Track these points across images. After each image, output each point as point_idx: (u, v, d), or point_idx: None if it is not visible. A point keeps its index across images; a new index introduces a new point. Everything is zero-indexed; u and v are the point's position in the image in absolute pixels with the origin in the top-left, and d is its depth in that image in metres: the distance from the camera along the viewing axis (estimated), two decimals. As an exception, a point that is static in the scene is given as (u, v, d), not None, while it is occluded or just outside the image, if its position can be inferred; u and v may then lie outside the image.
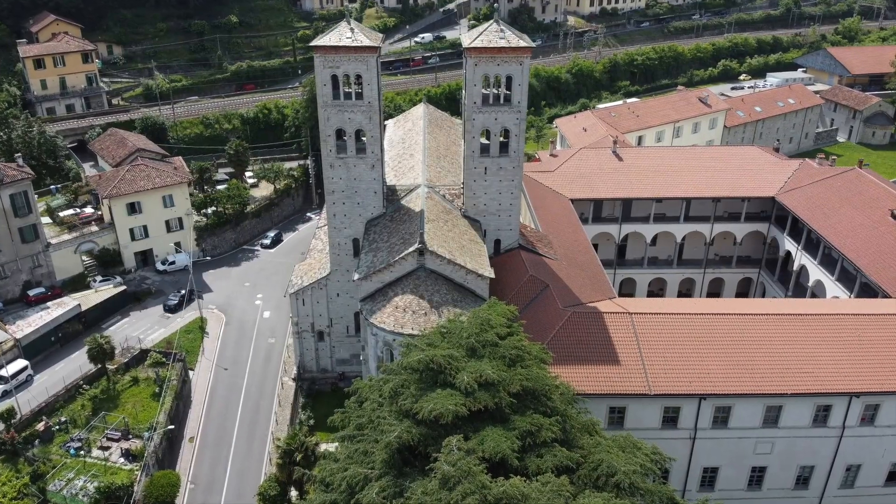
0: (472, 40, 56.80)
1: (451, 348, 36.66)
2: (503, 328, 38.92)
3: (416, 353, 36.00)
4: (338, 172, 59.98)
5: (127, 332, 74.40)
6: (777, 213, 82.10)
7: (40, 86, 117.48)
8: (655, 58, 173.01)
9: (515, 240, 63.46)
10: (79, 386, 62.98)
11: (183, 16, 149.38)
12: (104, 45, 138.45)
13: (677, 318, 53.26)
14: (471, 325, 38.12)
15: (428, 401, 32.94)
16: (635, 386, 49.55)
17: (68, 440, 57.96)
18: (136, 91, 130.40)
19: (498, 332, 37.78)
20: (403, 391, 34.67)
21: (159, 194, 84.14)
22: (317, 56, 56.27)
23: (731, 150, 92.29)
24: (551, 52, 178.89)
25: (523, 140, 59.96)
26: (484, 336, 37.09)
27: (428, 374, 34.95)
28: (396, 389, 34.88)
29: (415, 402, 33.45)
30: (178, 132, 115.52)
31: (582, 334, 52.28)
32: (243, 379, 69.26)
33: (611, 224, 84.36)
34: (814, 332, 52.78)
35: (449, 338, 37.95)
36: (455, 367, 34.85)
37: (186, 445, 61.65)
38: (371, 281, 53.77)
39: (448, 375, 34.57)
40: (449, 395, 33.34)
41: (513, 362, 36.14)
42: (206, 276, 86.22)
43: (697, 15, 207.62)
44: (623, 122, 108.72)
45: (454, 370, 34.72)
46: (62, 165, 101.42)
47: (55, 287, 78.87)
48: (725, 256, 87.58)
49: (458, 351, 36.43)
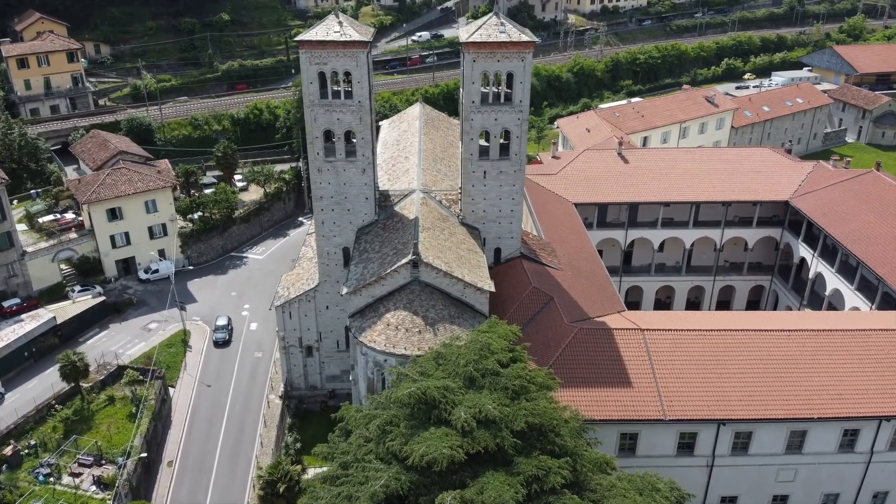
0: (471, 34, 52.77)
1: (447, 378, 32.62)
2: (505, 353, 34.86)
3: (407, 384, 31.92)
4: (326, 177, 55.91)
5: (105, 346, 70.26)
6: (791, 217, 78.24)
7: (24, 86, 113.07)
8: (658, 56, 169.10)
9: (517, 248, 59.44)
10: (51, 406, 58.86)
11: (173, 14, 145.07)
12: (91, 44, 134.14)
13: (692, 334, 49.26)
14: (469, 351, 34.02)
15: (419, 442, 28.86)
16: (649, 411, 45.55)
17: (37, 465, 53.86)
18: (123, 91, 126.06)
19: (499, 359, 33.70)
20: (392, 429, 30.57)
21: (141, 199, 79.93)
22: (302, 52, 52.30)
23: (742, 151, 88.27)
24: (552, 51, 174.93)
25: (525, 142, 55.93)
26: (483, 364, 33.01)
27: (420, 409, 30.88)
28: (384, 427, 30.74)
29: (404, 443, 29.38)
30: (165, 134, 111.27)
31: (590, 353, 48.30)
32: (227, 397, 65.14)
33: (616, 229, 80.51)
34: (840, 349, 48.87)
35: (444, 365, 33.88)
36: (451, 402, 30.77)
37: (164, 470, 57.49)
38: (361, 295, 49.69)
39: (443, 411, 30.49)
40: (443, 434, 29.25)
41: (516, 394, 32.07)
42: (190, 286, 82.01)
43: (700, 13, 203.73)
44: (627, 122, 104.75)
45: (450, 404, 30.64)
46: (44, 169, 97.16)
47: (31, 297, 74.77)
48: (736, 263, 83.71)
49: (455, 381, 32.36)
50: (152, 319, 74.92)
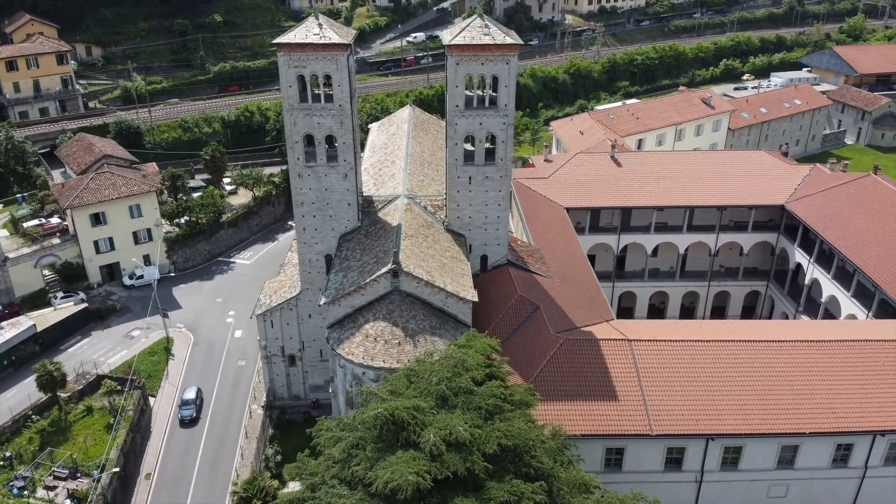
0: (454, 37, 51.42)
1: (419, 396, 31.20)
2: (481, 370, 33.42)
3: (376, 403, 30.49)
4: (307, 182, 54.52)
5: (87, 354, 68.96)
6: (787, 222, 76.72)
7: (13, 89, 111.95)
8: (656, 57, 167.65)
9: (504, 255, 57.98)
10: (27, 417, 57.50)
11: (165, 15, 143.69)
12: (83, 46, 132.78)
13: (681, 345, 47.82)
14: (442, 368, 32.60)
15: (384, 467, 27.46)
16: (635, 425, 44.11)
17: (12, 478, 52.51)
18: (114, 93, 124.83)
19: (474, 376, 32.26)
20: (358, 453, 29.15)
21: (126, 204, 78.63)
22: (280, 55, 50.83)
23: (738, 154, 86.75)
24: (548, 52, 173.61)
25: (511, 147, 54.50)
26: (457, 382, 31.59)
27: (388, 430, 29.47)
28: (349, 451, 29.32)
29: (369, 468, 27.96)
30: (154, 136, 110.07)
31: (576, 364, 46.86)
32: (209, 407, 63.77)
33: (609, 234, 78.96)
34: (834, 360, 47.43)
35: (417, 383, 32.47)
36: (421, 423, 29.36)
37: (142, 483, 56.10)
38: (340, 305, 48.26)
39: (412, 433, 29.08)
40: (411, 459, 27.84)
41: (490, 414, 30.64)
42: (175, 292, 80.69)
43: (699, 13, 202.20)
44: (622, 124, 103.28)
45: (419, 426, 29.23)
46: (31, 172, 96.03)
47: (13, 304, 73.56)
48: (731, 268, 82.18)
49: (427, 400, 30.95)
50: (135, 327, 73.65)
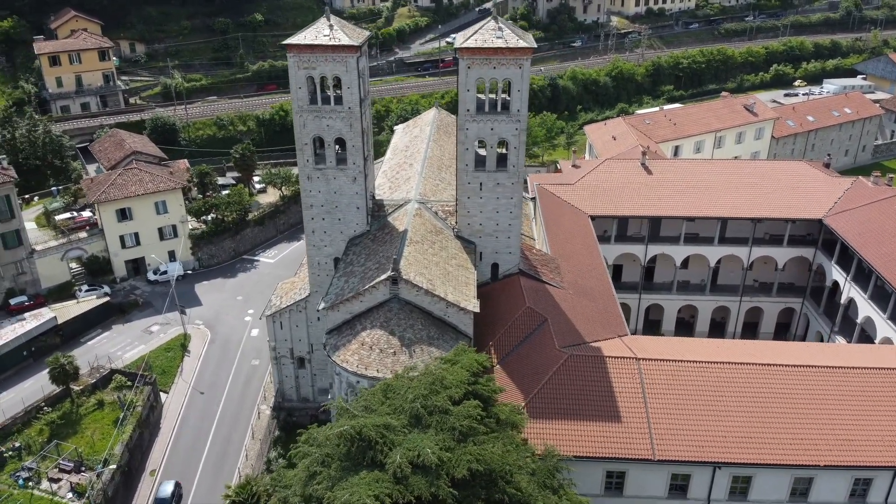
0: (465, 40, 50.06)
1: (392, 413, 30.06)
2: (460, 388, 32.04)
3: (346, 419, 29.48)
4: (316, 185, 53.90)
5: (106, 347, 69.95)
6: (824, 237, 73.02)
7: (56, 83, 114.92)
8: (703, 61, 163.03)
9: (515, 264, 56.39)
10: (39, 408, 58.42)
11: (209, 13, 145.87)
12: (127, 43, 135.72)
13: (691, 366, 45.53)
14: (420, 385, 31.38)
15: (344, 489, 26.41)
16: (637, 449, 42.10)
17: (19, 469, 53.35)
18: (154, 90, 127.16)
19: (452, 395, 30.93)
20: (322, 471, 28.16)
21: (151, 200, 79.59)
22: (290, 55, 50.29)
23: (775, 164, 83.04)
24: (591, 54, 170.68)
25: (523, 153, 52.84)
26: (433, 400, 30.31)
27: (356, 449, 28.41)
28: (313, 468, 28.36)
29: (330, 487, 26.95)
30: (189, 133, 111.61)
31: (579, 382, 45.07)
32: (219, 405, 63.90)
33: (636, 244, 76.42)
34: (856, 388, 44.49)
35: (392, 399, 31.32)
36: (390, 442, 28.22)
37: (146, 479, 56.41)
38: (338, 311, 47.47)
39: (379, 453, 27.96)
40: (373, 480, 26.72)
41: (464, 436, 29.28)
42: (198, 288, 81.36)
43: (751, 17, 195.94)
44: (658, 130, 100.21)
45: (388, 446, 28.09)
46: (68, 166, 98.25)
47: (39, 296, 75.05)
48: (766, 283, 78.65)
49: (400, 418, 29.78)
50: (155, 322, 74.39)
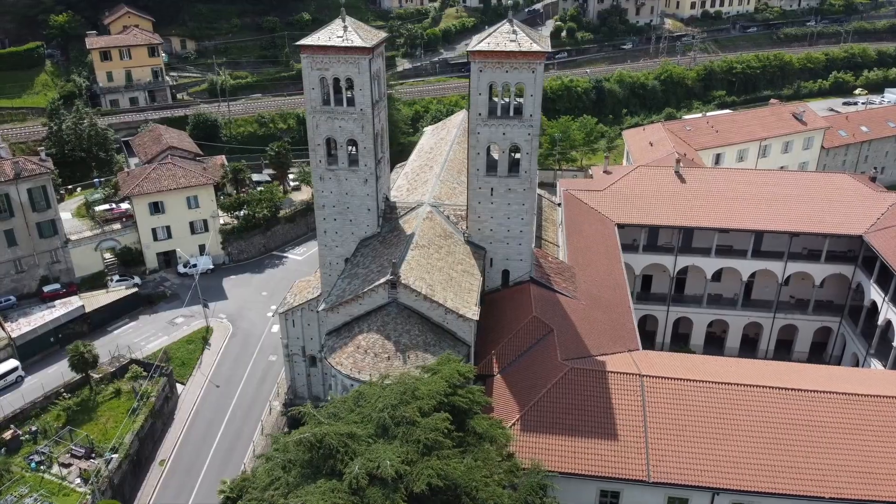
0: (478, 42, 49.31)
1: (360, 422, 29.64)
2: (437, 398, 31.38)
3: (312, 425, 29.21)
4: (328, 185, 54.00)
5: (131, 337, 71.68)
6: (865, 254, 69.47)
7: (106, 78, 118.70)
8: (758, 66, 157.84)
9: (527, 272, 55.30)
10: (59, 394, 60.21)
11: (259, 12, 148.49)
12: (178, 40, 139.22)
13: (697, 385, 43.75)
14: (391, 394, 30.86)
15: (298, 496, 26.09)
16: (632, 469, 40.68)
17: (33, 452, 55.08)
18: (201, 87, 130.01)
19: (422, 406, 30.30)
20: (282, 476, 27.94)
21: (183, 195, 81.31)
22: (304, 56, 50.56)
23: (815, 176, 79.44)
24: (642, 57, 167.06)
25: (535, 158, 51.73)
26: (401, 411, 29.75)
27: (318, 456, 28.09)
28: (274, 473, 28.15)
29: (285, 494, 26.69)
30: (231, 130, 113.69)
31: (578, 395, 43.88)
32: (233, 399, 64.73)
33: (665, 255, 74.19)
34: (870, 418, 41.99)
35: (363, 407, 30.90)
36: (352, 452, 27.79)
37: (155, 469, 57.53)
38: (338, 313, 47.38)
39: (339, 462, 27.58)
40: (329, 490, 26.35)
41: (428, 450, 28.62)
42: (225, 282, 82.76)
43: (812, 21, 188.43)
44: (699, 136, 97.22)
45: (349, 455, 27.68)
46: (112, 159, 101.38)
47: (72, 284, 77.45)
48: (802, 300, 75.36)
49: (367, 427, 29.33)
50: (180, 314, 75.92)
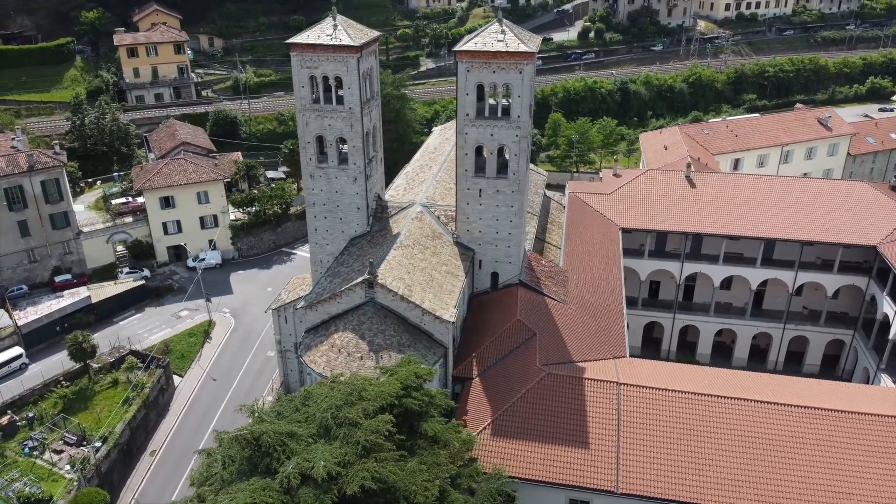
0: (466, 42, 48.85)
1: (305, 422, 29.53)
2: (387, 399, 31.09)
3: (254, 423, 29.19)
4: (318, 183, 54.21)
5: (135, 328, 73.01)
6: (879, 265, 66.99)
7: (133, 74, 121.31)
8: (791, 70, 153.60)
9: (516, 274, 54.65)
10: (58, 382, 61.56)
11: (285, 11, 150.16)
12: (206, 37, 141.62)
13: (675, 396, 42.61)
14: (338, 394, 30.68)
15: (228, 493, 26.08)
16: (600, 479, 39.79)
17: (27, 438, 56.39)
18: (226, 84, 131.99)
19: (367, 407, 30.04)
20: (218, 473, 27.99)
21: (194, 190, 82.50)
22: (293, 54, 50.72)
23: (832, 183, 76.87)
24: (672, 59, 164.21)
25: (524, 160, 51.02)
26: (345, 412, 29.54)
27: (257, 454, 28.07)
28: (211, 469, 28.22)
29: (218, 490, 26.71)
30: (250, 127, 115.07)
31: (552, 402, 43.17)
32: (228, 392, 65.37)
33: (672, 261, 72.63)
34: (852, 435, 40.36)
35: (308, 406, 30.79)
36: (289, 451, 27.70)
37: (146, 459, 58.40)
38: (316, 311, 47.42)
39: (275, 461, 27.50)
40: (260, 488, 26.27)
41: (367, 451, 28.35)
42: (232, 277, 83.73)
43: (852, 25, 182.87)
44: (717, 141, 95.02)
45: (286, 454, 27.59)
46: (133, 153, 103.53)
47: (83, 275, 79.24)
48: (816, 311, 73.02)
49: (309, 427, 29.20)
50: (185, 307, 77.03)
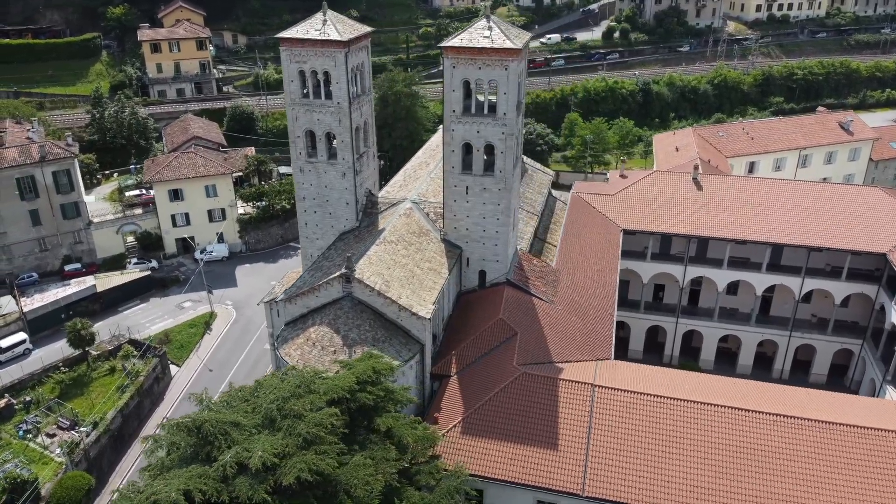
0: (452, 38, 48.62)
1: (252, 412, 29.68)
2: (338, 392, 31.07)
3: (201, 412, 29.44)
4: (308, 178, 54.49)
5: (138, 318, 74.33)
6: (890, 273, 64.96)
7: (156, 69, 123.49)
8: (821, 73, 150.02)
9: (503, 273, 54.22)
10: (56, 367, 62.93)
11: (309, 9, 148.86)
12: (230, 34, 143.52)
13: (650, 400, 41.83)
14: (286, 386, 30.76)
15: (165, 479, 26.33)
16: (567, 481, 39.26)
17: (22, 421, 57.78)
18: (247, 80, 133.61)
19: (314, 401, 30.04)
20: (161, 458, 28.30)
21: (202, 183, 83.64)
22: (283, 49, 51.28)
23: (843, 189, 74.68)
24: (698, 60, 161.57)
25: (511, 158, 50.57)
26: (291, 404, 29.59)
27: (200, 442, 28.29)
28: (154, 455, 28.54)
29: (156, 475, 27.00)
30: (267, 123, 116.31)
31: (526, 402, 42.75)
32: (223, 383, 65.96)
33: (675, 264, 71.45)
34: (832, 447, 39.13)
35: (257, 397, 30.92)
36: (231, 440, 27.86)
37: (137, 445, 59.27)
38: (295, 304, 47.65)
39: (216, 449, 27.69)
40: (196, 475, 26.47)
41: (307, 444, 28.35)
42: (238, 270, 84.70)
43: (887, 28, 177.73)
44: (731, 143, 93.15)
45: (227, 443, 27.75)
46: (151, 146, 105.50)
47: (93, 264, 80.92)
48: (824, 319, 71.09)
49: (255, 418, 29.34)
50: (189, 298, 78.15)
